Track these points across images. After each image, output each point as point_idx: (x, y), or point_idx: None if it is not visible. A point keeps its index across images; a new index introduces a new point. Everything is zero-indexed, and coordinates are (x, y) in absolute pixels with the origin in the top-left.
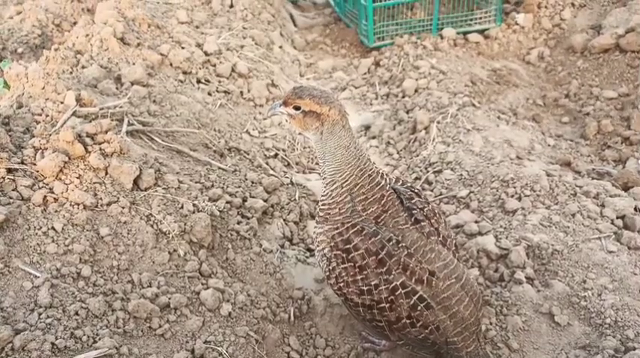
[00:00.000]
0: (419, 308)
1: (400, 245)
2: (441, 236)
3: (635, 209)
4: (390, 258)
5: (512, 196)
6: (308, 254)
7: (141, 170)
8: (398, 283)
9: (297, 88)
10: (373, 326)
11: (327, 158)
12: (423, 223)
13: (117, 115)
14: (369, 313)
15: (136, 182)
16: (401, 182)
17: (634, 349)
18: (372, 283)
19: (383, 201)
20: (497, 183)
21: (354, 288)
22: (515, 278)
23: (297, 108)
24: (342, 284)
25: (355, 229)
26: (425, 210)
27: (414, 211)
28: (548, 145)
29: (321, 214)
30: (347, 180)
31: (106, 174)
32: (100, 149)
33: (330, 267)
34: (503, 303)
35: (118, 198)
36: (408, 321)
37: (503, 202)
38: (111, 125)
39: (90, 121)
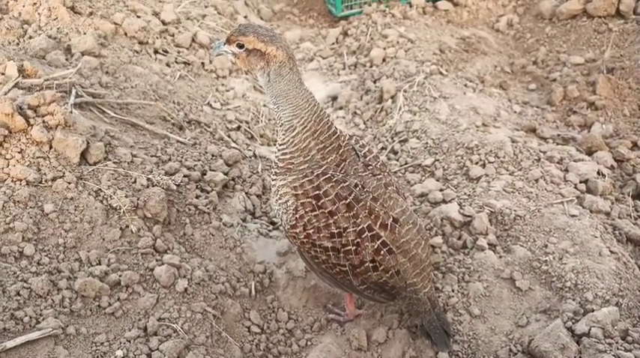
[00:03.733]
0: (382, 252)
1: (365, 190)
2: (394, 186)
3: (598, 173)
4: (357, 202)
5: (476, 163)
6: (271, 227)
7: (88, 143)
8: (365, 226)
9: (242, 25)
10: (336, 273)
11: (280, 102)
12: (379, 176)
13: (64, 87)
14: (335, 257)
15: (83, 156)
16: (354, 139)
17: (592, 311)
18: (342, 226)
19: (341, 151)
20: (462, 150)
21: (326, 233)
22: (478, 244)
23: (240, 46)
24: (311, 231)
25: (325, 177)
26: (378, 164)
27: (369, 166)
28: (515, 112)
29: (281, 165)
30: (306, 126)
31: (51, 148)
32: (44, 122)
33: (297, 215)
34: (465, 270)
35: (64, 172)
36: (371, 265)
37: (468, 169)
38: (55, 96)
39: (34, 93)
